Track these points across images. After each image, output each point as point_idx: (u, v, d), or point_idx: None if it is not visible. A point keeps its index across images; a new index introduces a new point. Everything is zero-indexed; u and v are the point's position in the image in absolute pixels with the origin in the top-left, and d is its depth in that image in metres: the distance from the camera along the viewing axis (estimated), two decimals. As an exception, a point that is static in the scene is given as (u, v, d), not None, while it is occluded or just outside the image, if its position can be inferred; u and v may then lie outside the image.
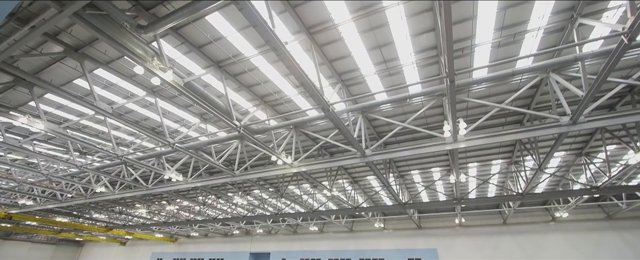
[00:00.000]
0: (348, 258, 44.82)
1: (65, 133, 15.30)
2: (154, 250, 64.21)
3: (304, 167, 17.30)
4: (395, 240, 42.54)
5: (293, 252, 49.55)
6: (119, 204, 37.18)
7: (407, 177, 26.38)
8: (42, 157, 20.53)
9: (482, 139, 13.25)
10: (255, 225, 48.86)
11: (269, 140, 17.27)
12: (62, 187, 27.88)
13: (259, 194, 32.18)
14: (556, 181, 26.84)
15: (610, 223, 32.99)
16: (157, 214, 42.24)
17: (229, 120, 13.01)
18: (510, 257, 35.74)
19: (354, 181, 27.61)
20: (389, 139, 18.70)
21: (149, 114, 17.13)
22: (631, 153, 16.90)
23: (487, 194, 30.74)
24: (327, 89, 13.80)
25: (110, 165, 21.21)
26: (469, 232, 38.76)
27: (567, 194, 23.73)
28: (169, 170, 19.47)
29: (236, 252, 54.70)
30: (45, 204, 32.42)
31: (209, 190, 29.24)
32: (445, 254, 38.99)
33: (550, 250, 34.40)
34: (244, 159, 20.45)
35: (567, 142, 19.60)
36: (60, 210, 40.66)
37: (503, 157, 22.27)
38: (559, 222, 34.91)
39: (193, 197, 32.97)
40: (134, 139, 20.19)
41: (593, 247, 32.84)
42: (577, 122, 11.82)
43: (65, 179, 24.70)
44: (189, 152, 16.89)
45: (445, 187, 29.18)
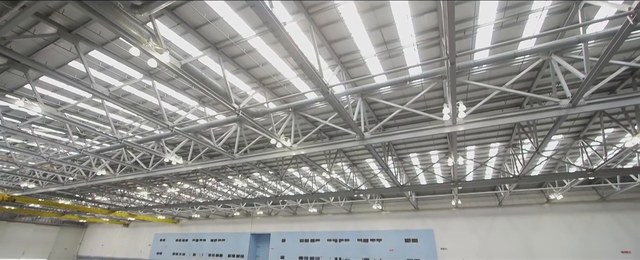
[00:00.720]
0: (346, 239, 46.01)
1: (63, 116, 15.24)
2: (157, 231, 65.69)
3: (303, 150, 17.39)
4: (392, 222, 43.54)
5: (293, 233, 50.78)
6: (120, 186, 37.64)
7: (405, 159, 26.61)
8: (41, 141, 20.57)
9: (482, 122, 13.26)
10: (255, 207, 49.76)
11: (268, 124, 17.26)
12: (63, 170, 28.10)
13: (259, 176, 32.54)
14: (552, 164, 27.15)
15: (603, 205, 33.69)
16: (159, 197, 42.88)
17: (227, 103, 12.93)
18: (505, 237, 36.74)
19: (353, 164, 27.87)
20: (388, 122, 18.70)
21: (147, 96, 16.99)
22: (628, 136, 16.98)
23: (484, 176, 31.16)
24: (327, 71, 13.64)
25: (110, 148, 21.28)
26: (465, 214, 39.63)
27: (563, 176, 24.07)
28: (168, 153, 19.56)
29: (237, 233, 56.01)
30: (47, 187, 32.79)
31: (209, 173, 29.52)
32: (442, 234, 40.03)
33: (544, 231, 35.33)
34: (243, 142, 20.51)
35: (565, 125, 19.66)
36: (63, 193, 41.18)
37: (501, 140, 22.39)
38: (554, 203, 35.62)
39: (194, 180, 33.34)
40: (133, 122, 20.15)
41: (586, 227, 33.71)
42: (577, 105, 11.80)
43: (66, 162, 24.84)
44: (188, 135, 16.90)
45: (443, 170, 29.52)
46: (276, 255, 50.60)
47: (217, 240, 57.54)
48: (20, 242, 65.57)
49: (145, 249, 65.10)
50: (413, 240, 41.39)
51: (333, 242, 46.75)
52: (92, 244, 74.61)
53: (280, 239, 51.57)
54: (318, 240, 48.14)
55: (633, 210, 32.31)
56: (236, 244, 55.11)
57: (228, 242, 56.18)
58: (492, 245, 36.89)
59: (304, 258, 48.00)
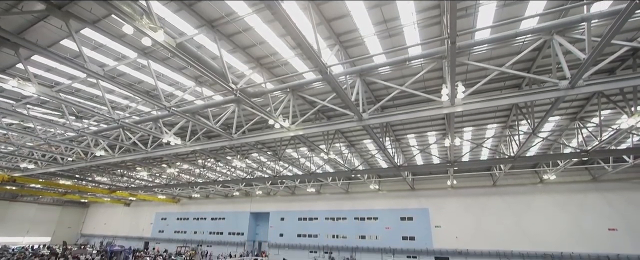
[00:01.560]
0: (344, 217, 47.20)
1: (58, 96, 15.05)
2: (158, 210, 66.94)
3: (301, 131, 17.44)
4: (389, 201, 44.54)
5: (291, 212, 51.97)
6: (120, 167, 37.91)
7: (402, 140, 26.80)
8: (38, 121, 20.44)
9: (480, 103, 13.26)
10: (254, 187, 50.55)
11: (266, 104, 17.16)
12: (61, 151, 28.12)
13: (258, 157, 32.79)
14: (548, 145, 27.47)
15: (595, 185, 34.50)
16: (159, 177, 43.34)
17: (224, 83, 12.79)
18: (498, 216, 37.83)
19: (351, 144, 28.07)
20: (387, 103, 18.65)
21: (143, 76, 16.75)
22: (624, 118, 17.11)
23: (479, 157, 31.57)
24: (325, 50, 13.40)
25: (108, 129, 21.22)
26: (459, 193, 40.52)
27: (558, 157, 24.46)
28: (167, 134, 19.57)
29: (237, 212, 57.22)
30: (46, 168, 32.96)
31: (208, 153, 29.72)
32: (436, 213, 41.13)
33: (537, 210, 36.35)
34: (241, 123, 20.49)
35: (563, 106, 19.71)
36: (63, 174, 41.46)
37: (498, 122, 22.50)
38: (547, 184, 36.41)
39: (193, 160, 33.58)
40: (129, 102, 19.97)
41: (577, 207, 34.69)
42: (576, 86, 11.77)
43: (64, 143, 24.83)
44: (186, 116, 16.84)
45: (439, 151, 29.83)
46: (275, 233, 52.05)
47: (218, 219, 58.88)
48: (24, 221, 66.87)
49: (147, 228, 66.63)
50: (408, 219, 42.56)
51: (331, 221, 48.01)
52: (95, 222, 76.19)
53: (279, 218, 52.84)
54: (316, 218, 49.39)
55: (623, 190, 33.16)
56: (236, 223, 56.47)
57: (228, 221, 57.53)
58: (486, 223, 38.03)
59: (302, 236, 49.44)
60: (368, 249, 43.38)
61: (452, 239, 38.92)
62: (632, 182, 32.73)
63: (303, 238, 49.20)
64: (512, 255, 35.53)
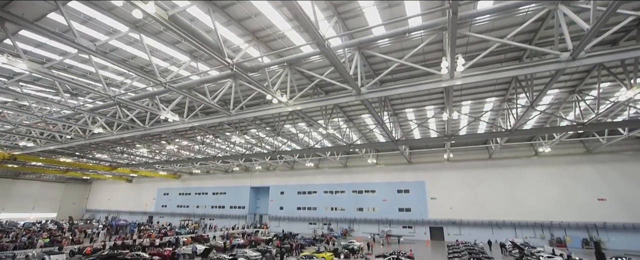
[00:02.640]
0: (342, 190, 48.41)
1: (51, 73, 14.74)
2: (160, 186, 68.25)
3: (299, 106, 17.37)
4: (386, 175, 45.48)
5: (291, 186, 53.17)
6: (119, 144, 38.04)
7: (401, 115, 26.82)
8: (32, 99, 20.17)
9: (480, 76, 13.13)
10: (254, 162, 51.22)
11: (264, 79, 16.92)
12: (59, 128, 28.03)
13: (256, 133, 32.89)
14: (545, 118, 27.61)
15: (588, 157, 35.19)
16: (159, 153, 43.67)
17: (220, 57, 12.51)
18: (493, 188, 38.88)
19: (349, 119, 28.10)
20: (385, 77, 18.43)
21: (136, 51, 16.33)
22: (623, 90, 17.06)
23: (477, 130, 31.78)
24: (323, 22, 12.99)
25: (104, 106, 21.02)
26: (455, 166, 41.33)
27: (554, 130, 24.66)
28: (164, 110, 19.44)
29: (237, 187, 58.50)
30: (46, 146, 33.03)
31: (207, 130, 29.74)
32: (432, 185, 42.19)
33: (530, 182, 37.32)
34: (239, 99, 20.31)
35: (562, 79, 19.57)
36: (63, 152, 41.62)
37: (497, 95, 22.42)
38: (541, 156, 37.09)
39: (191, 137, 33.69)
40: (124, 79, 19.63)
41: (569, 178, 35.61)
42: (577, 57, 11.62)
43: (61, 121, 24.69)
44: (183, 92, 16.64)
45: (437, 125, 29.97)
46: (275, 207, 53.60)
47: (219, 194, 60.29)
48: (28, 198, 68.26)
49: (150, 203, 68.29)
50: (405, 191, 43.72)
51: (329, 194, 49.28)
52: (99, 199, 77.90)
53: (279, 192, 54.16)
54: (315, 192, 50.66)
55: (615, 162, 33.91)
56: (237, 197, 57.91)
57: (229, 195, 58.96)
58: (480, 195, 39.17)
59: (302, 209, 50.97)
60: (365, 221, 44.94)
61: (447, 210, 40.27)
62: (625, 154, 33.39)
63: (302, 211, 50.75)
64: (504, 224, 36.98)
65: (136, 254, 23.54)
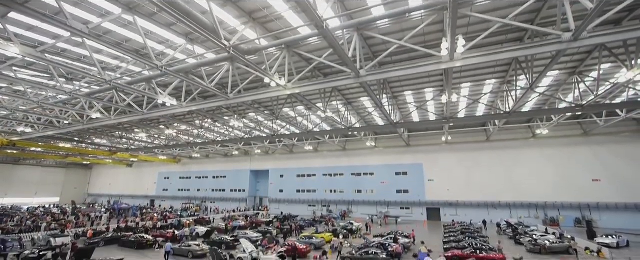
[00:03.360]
0: (341, 173, 49.00)
1: (44, 57, 14.48)
2: (160, 170, 68.82)
3: (298, 89, 17.24)
4: (385, 157, 45.90)
5: (290, 169, 53.73)
6: (117, 129, 37.98)
7: (400, 97, 26.73)
8: (27, 84, 19.92)
9: (480, 57, 12.99)
10: (253, 146, 51.44)
11: (261, 62, 16.68)
12: (56, 114, 27.88)
13: (255, 116, 32.83)
14: (543, 100, 27.58)
15: (585, 139, 35.47)
16: (158, 138, 43.71)
17: (216, 39, 12.26)
18: (489, 169, 39.39)
19: (348, 102, 28.01)
20: (384, 59, 18.22)
21: (130, 34, 15.98)
22: (623, 71, 16.96)
23: (475, 113, 31.80)
24: (321, 3, 12.65)
25: (101, 91, 20.82)
26: (453, 149, 41.67)
27: (553, 112, 24.70)
28: (161, 94, 19.27)
29: (237, 171, 59.07)
30: (44, 131, 32.95)
31: (205, 114, 29.64)
32: (430, 167, 42.70)
33: (527, 163, 37.79)
34: (237, 82, 20.10)
35: (563, 60, 19.39)
36: (62, 137, 41.58)
37: (497, 77, 22.28)
38: (539, 138, 37.34)
39: (190, 121, 33.62)
40: (120, 62, 19.31)
41: (565, 159, 36.04)
42: (579, 38, 11.45)
43: (58, 106, 24.50)
44: (179, 76, 16.45)
45: (436, 107, 29.95)
46: (275, 190, 54.37)
47: (219, 177, 60.98)
48: (30, 184, 68.91)
49: (151, 187, 69.08)
50: (403, 174, 44.30)
51: (328, 177, 49.91)
52: (100, 183, 78.69)
53: (278, 175, 54.79)
54: (314, 175, 51.27)
55: (610, 144, 34.22)
56: (237, 180, 58.61)
57: (229, 179, 59.65)
58: (477, 177, 39.74)
59: (301, 191, 51.75)
60: (364, 202, 45.78)
61: (444, 191, 40.98)
62: (621, 136, 33.65)
63: (302, 193, 51.55)
64: (500, 205, 37.79)
65: (139, 235, 24.08)
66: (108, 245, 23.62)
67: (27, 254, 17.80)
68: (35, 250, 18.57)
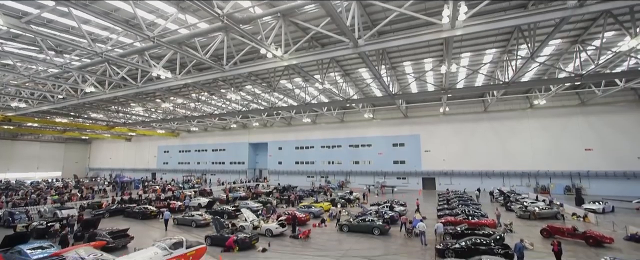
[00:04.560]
0: (339, 145, 49.57)
1: (30, 28, 13.91)
2: (159, 144, 69.20)
3: (295, 60, 16.88)
4: (382, 129, 46.23)
5: (288, 142, 54.21)
6: (113, 103, 37.56)
7: (398, 68, 26.33)
8: (15, 57, 19.31)
9: (482, 25, 12.62)
10: (251, 119, 51.42)
11: (257, 32, 16.14)
12: (49, 88, 27.37)
13: (252, 89, 32.45)
14: (543, 70, 27.30)
15: (581, 109, 35.65)
16: (155, 112, 43.43)
17: (209, 8, 11.75)
18: (485, 140, 39.93)
19: (346, 74, 27.61)
20: (384, 28, 17.68)
21: (119, 3, 15.22)
22: (627, 39, 16.61)
23: (474, 83, 31.55)
24: (317, -33, 12.02)
25: (92, 64, 20.24)
26: (450, 120, 41.90)
27: (552, 82, 24.54)
28: (155, 67, 18.82)
29: (236, 143, 59.53)
30: (38, 106, 32.54)
31: (201, 86, 29.17)
32: (427, 138, 43.21)
33: (522, 134, 38.24)
34: (232, 54, 19.59)
35: (565, 28, 18.90)
36: (58, 112, 41.21)
37: (497, 46, 21.84)
38: (536, 108, 37.47)
39: (186, 95, 33.22)
40: (110, 34, 18.63)
41: (560, 130, 36.47)
42: (585, 4, 11.09)
43: (50, 80, 24.00)
44: (173, 47, 15.97)
45: (435, 78, 29.65)
46: (274, 162, 55.21)
47: (218, 150, 61.60)
48: (31, 159, 69.43)
49: (152, 160, 69.87)
50: (400, 145, 44.91)
51: (326, 149, 50.54)
52: (101, 157, 79.38)
53: (277, 147, 55.37)
54: (312, 147, 51.87)
55: (606, 113, 34.48)
56: (236, 153, 59.29)
57: (228, 152, 60.31)
58: (473, 147, 40.38)
59: (300, 163, 52.63)
60: (361, 173, 46.81)
61: (440, 161, 41.84)
62: (617, 106, 33.81)
63: (300, 165, 52.46)
64: (493, 174, 38.82)
65: (143, 206, 24.78)
66: (113, 216, 24.37)
67: (36, 225, 18.38)
68: (43, 221, 19.18)
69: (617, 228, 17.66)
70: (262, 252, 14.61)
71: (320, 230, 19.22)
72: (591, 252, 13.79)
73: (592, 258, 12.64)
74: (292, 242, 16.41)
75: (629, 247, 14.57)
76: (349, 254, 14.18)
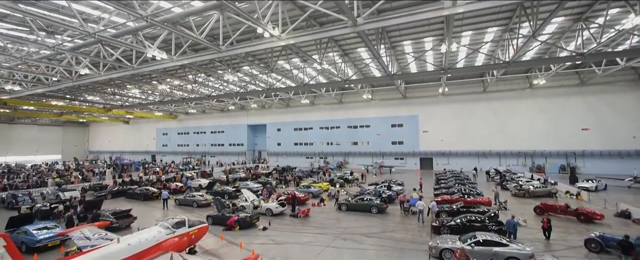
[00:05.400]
0: (337, 126, 49.68)
1: (18, 7, 13.47)
2: (158, 126, 69.10)
3: (292, 39, 16.56)
4: (381, 109, 46.18)
5: (287, 123, 54.23)
6: (109, 85, 37.04)
7: (398, 48, 25.90)
8: (6, 38, 18.80)
9: (485, 2, 12.31)
10: (249, 101, 51.13)
11: (253, 11, 15.67)
12: (43, 70, 26.91)
13: (249, 70, 32.02)
14: (545, 49, 26.93)
15: (580, 89, 35.52)
16: (152, 94, 43.01)
17: (203, -15, 11.36)
18: (484, 121, 40.04)
19: (344, 54, 27.19)
20: (383, 6, 17.21)
21: (108, -20, 14.67)
22: (631, 17, 16.30)
23: (474, 63, 31.16)
24: (315, -59, 11.53)
25: (85, 45, 19.77)
26: (449, 100, 41.79)
27: (553, 61, 24.33)
28: (150, 48, 18.44)
29: (235, 125, 59.55)
30: (33, 89, 32.10)
31: (198, 68, 28.75)
32: (425, 119, 43.30)
33: (520, 115, 38.31)
34: (228, 34, 19.13)
35: (569, 5, 18.46)
36: (54, 94, 40.72)
37: (499, 24, 21.41)
38: (535, 88, 37.30)
39: (183, 76, 32.76)
40: (101, 13, 18.08)
41: (558, 110, 36.51)
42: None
43: (43, 62, 23.53)
44: (167, 27, 15.57)
45: (434, 58, 29.26)
46: (273, 143, 55.50)
47: (217, 132, 61.70)
48: (29, 142, 69.39)
49: (151, 143, 70.03)
50: (399, 125, 45.05)
51: (325, 130, 50.69)
52: (100, 140, 79.45)
53: (275, 129, 55.47)
54: (311, 128, 51.98)
55: (605, 93, 34.41)
56: (235, 135, 59.44)
57: (227, 133, 60.43)
58: (471, 128, 40.56)
59: (298, 144, 52.95)
60: (360, 154, 47.26)
61: (438, 142, 42.17)
62: (617, 85, 33.68)
63: (299, 146, 52.80)
64: (490, 154, 39.27)
65: (145, 188, 25.12)
66: (115, 198, 24.74)
67: (39, 207, 18.68)
68: (46, 203, 19.48)
69: (608, 205, 18.13)
70: (262, 230, 15.00)
71: (319, 209, 19.65)
72: (582, 228, 14.24)
73: (582, 233, 13.06)
74: (292, 221, 16.82)
75: (618, 223, 15.03)
76: (347, 231, 14.59)
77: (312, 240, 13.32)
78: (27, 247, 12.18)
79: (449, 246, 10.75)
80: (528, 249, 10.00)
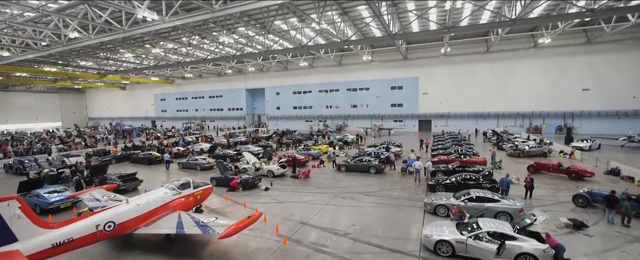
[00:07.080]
0: (337, 89, 49.19)
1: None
2: (155, 92, 68.32)
3: (289, -2, 15.71)
4: (381, 72, 45.37)
5: (285, 87, 53.60)
6: (101, 49, 35.85)
7: (400, 5, 24.67)
8: (-15, -1, 17.80)
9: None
10: (246, 64, 49.98)
11: (245, -35, 14.69)
12: (30, 34, 25.85)
13: (245, 31, 30.82)
14: (554, 5, 25.67)
15: (585, 48, 34.52)
16: (146, 58, 41.83)
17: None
18: (484, 83, 39.53)
19: (344, 12, 25.99)
20: (385, -42, 16.08)
21: None
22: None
23: (479, 21, 29.91)
24: None
25: (70, 5, 18.84)
26: (450, 61, 40.85)
27: (561, 18, 23.33)
28: (139, 8, 17.55)
29: (233, 90, 58.89)
30: (23, 54, 31.07)
31: (191, 29, 27.62)
32: (426, 81, 42.75)
33: (522, 75, 37.70)
34: (220, -8, 18.12)
35: (585, -46, 17.26)
36: (46, 60, 39.58)
37: (508, -22, 20.18)
38: (539, 48, 36.24)
39: (176, 39, 31.59)
40: (83, -31, 16.93)
41: (561, 69, 35.85)
42: None
43: (29, 25, 22.55)
44: (155, -15, 14.66)
45: (438, 16, 28.03)
46: (272, 107, 55.39)
47: (216, 97, 61.25)
48: (27, 109, 69.05)
49: (150, 108, 69.78)
50: (398, 88, 44.61)
51: (324, 93, 50.29)
52: (98, 107, 79.04)
53: (274, 93, 54.99)
54: (310, 91, 51.52)
55: (609, 52, 33.55)
56: (233, 99, 59.08)
57: (226, 98, 60.01)
58: (471, 89, 40.17)
59: (297, 107, 52.89)
60: (359, 116, 47.43)
61: (437, 104, 42.09)
62: (624, 44, 32.67)
63: (298, 110, 52.80)
64: (489, 115, 39.42)
65: (148, 152, 25.60)
66: (119, 162, 25.32)
67: (47, 172, 19.20)
68: (53, 168, 19.99)
69: (599, 163, 18.65)
70: (265, 190, 15.60)
71: (319, 170, 20.24)
72: (572, 185, 14.82)
73: (571, 190, 13.61)
74: (293, 182, 17.42)
75: (607, 180, 15.64)
76: (346, 190, 15.19)
77: (313, 199, 13.93)
78: (41, 210, 12.75)
79: (443, 202, 11.28)
80: (518, 204, 10.53)
